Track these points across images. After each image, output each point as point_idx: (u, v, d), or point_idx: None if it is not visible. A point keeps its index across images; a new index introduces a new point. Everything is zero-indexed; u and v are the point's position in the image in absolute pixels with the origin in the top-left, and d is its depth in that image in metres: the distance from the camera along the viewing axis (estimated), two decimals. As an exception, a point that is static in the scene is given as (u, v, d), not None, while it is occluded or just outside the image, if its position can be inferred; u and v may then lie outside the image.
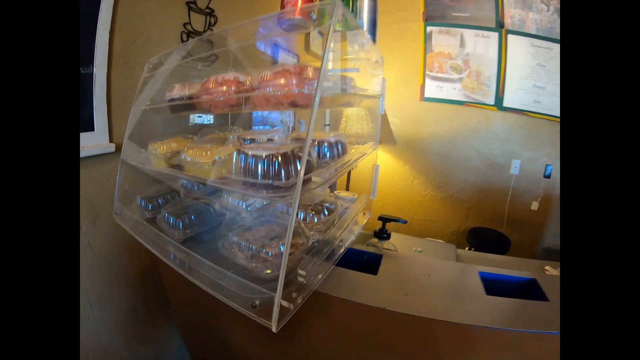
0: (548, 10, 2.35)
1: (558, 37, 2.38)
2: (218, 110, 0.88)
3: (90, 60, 1.12)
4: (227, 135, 1.25)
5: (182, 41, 1.44)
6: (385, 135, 2.53)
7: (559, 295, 0.84)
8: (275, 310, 0.57)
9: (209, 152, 0.86)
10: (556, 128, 2.47)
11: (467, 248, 2.36)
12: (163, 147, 1.04)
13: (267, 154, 0.67)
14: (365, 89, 1.06)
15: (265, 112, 2.16)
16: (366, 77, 1.14)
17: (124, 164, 1.12)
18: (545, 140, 2.50)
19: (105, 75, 1.18)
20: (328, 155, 0.92)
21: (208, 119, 1.52)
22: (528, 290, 0.96)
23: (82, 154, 1.13)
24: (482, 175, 2.68)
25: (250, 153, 0.69)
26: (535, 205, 2.57)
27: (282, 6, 0.92)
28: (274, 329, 0.57)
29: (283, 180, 0.67)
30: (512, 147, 2.57)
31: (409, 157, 2.86)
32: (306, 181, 0.67)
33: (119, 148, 1.20)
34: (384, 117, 2.47)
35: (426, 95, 2.61)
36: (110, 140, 1.24)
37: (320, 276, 0.77)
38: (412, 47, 2.62)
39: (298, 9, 0.88)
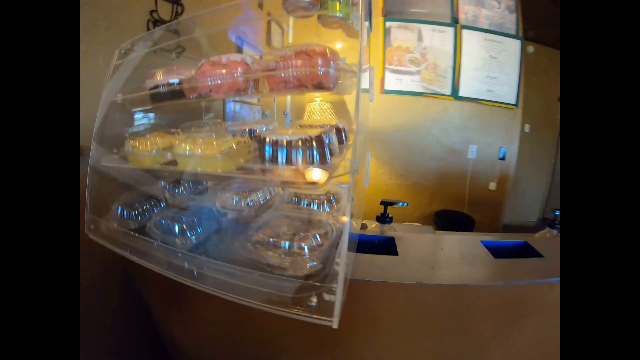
0: (499, 7, 2.59)
1: (508, 31, 2.62)
2: (220, 95, 0.82)
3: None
4: (215, 128, 1.19)
5: (148, 30, 1.37)
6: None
7: (550, 251, 0.99)
8: (337, 306, 0.55)
9: (214, 143, 0.80)
10: (508, 114, 2.71)
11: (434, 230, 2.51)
12: (146, 144, 0.94)
13: (301, 137, 0.65)
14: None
15: (237, 108, 2.12)
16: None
17: (93, 169, 1.00)
18: (499, 125, 2.73)
19: None
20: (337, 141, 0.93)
21: (159, 117, 1.38)
22: (523, 251, 1.07)
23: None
24: (442, 161, 2.85)
25: (280, 139, 0.65)
26: (492, 186, 2.80)
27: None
28: (335, 325, 0.55)
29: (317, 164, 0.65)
30: (468, 134, 2.76)
31: (373, 148, 2.96)
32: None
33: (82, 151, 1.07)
34: (348, 111, 2.53)
35: (386, 87, 2.71)
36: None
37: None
38: (371, 41, 2.71)
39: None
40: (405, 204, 1.34)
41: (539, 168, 4.10)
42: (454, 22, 2.57)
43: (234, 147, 0.78)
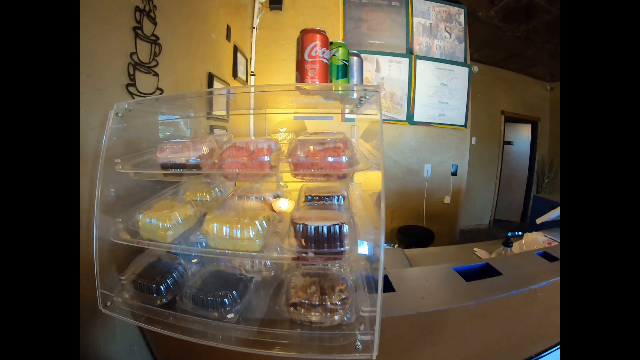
0: (450, 37, 2.93)
1: (458, 60, 2.97)
2: (246, 178, 0.89)
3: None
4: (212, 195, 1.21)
5: (129, 74, 1.30)
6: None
7: (507, 269, 1.28)
8: (376, 344, 0.74)
9: (245, 223, 0.84)
10: (458, 134, 3.07)
11: (396, 245, 2.75)
12: (166, 220, 0.93)
13: (330, 224, 0.79)
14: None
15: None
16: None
17: (102, 241, 0.96)
18: (450, 145, 3.08)
19: None
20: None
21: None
22: (486, 271, 1.33)
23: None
24: (400, 181, 3.12)
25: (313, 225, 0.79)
26: (447, 199, 3.13)
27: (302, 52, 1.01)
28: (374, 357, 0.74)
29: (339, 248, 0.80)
30: (423, 154, 3.07)
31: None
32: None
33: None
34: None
35: (347, 116, 2.93)
36: None
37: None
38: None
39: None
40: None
41: (486, 175, 4.61)
42: (409, 52, 2.86)
43: (265, 225, 0.86)
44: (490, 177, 4.73)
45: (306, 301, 0.84)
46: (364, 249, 0.79)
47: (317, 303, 0.83)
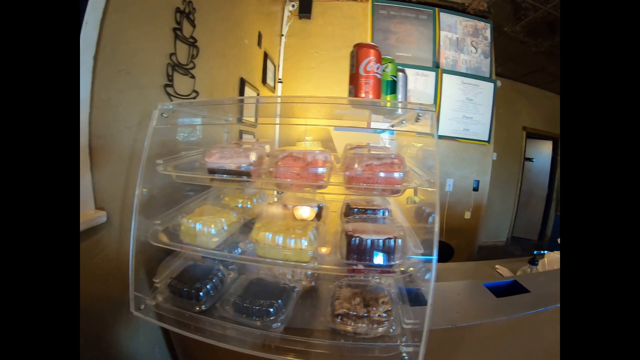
0: (476, 52, 2.97)
1: (484, 74, 3.00)
2: (299, 188, 0.92)
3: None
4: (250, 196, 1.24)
5: (167, 74, 1.33)
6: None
7: (534, 286, 1.31)
8: (421, 355, 0.77)
9: (294, 229, 0.88)
10: (481, 150, 3.09)
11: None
12: (212, 224, 0.94)
13: (384, 238, 0.83)
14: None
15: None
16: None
17: (140, 243, 0.96)
18: (473, 160, 3.11)
19: (88, 115, 0.94)
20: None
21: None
22: (514, 288, 1.37)
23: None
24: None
25: (365, 237, 0.82)
26: (468, 215, 3.15)
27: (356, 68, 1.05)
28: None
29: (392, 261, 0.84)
30: (446, 168, 3.10)
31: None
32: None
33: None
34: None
35: (372, 126, 2.97)
36: (96, 207, 1.00)
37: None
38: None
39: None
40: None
41: (505, 191, 4.60)
42: (436, 66, 2.91)
43: (315, 234, 0.89)
44: (509, 193, 4.72)
45: (353, 312, 0.87)
46: (414, 263, 0.83)
47: (364, 315, 0.87)
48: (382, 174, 0.83)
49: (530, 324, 1.16)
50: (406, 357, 0.79)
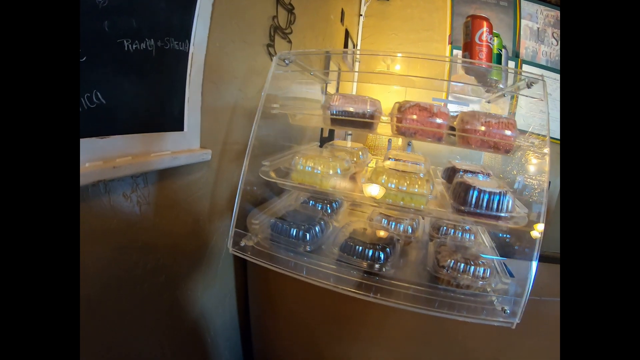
0: (557, 45, 2.90)
1: (564, 68, 2.90)
2: (422, 138, 0.99)
3: (187, 35, 0.91)
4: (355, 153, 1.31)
5: (270, 35, 1.43)
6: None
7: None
8: (521, 310, 0.83)
9: (418, 180, 0.95)
10: (555, 148, 3.00)
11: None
12: (330, 167, 1.01)
13: (496, 190, 0.91)
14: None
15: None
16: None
17: (247, 182, 1.04)
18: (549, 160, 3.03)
19: (203, 57, 0.99)
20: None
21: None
22: None
23: (174, 163, 0.91)
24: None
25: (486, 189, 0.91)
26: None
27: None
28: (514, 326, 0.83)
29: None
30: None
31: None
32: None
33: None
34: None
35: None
36: (201, 146, 1.05)
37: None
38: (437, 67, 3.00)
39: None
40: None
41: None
42: (515, 56, 2.87)
43: (432, 182, 0.97)
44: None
45: (460, 263, 0.94)
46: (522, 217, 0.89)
47: (469, 268, 0.94)
48: (498, 131, 0.90)
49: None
50: (507, 310, 0.85)
